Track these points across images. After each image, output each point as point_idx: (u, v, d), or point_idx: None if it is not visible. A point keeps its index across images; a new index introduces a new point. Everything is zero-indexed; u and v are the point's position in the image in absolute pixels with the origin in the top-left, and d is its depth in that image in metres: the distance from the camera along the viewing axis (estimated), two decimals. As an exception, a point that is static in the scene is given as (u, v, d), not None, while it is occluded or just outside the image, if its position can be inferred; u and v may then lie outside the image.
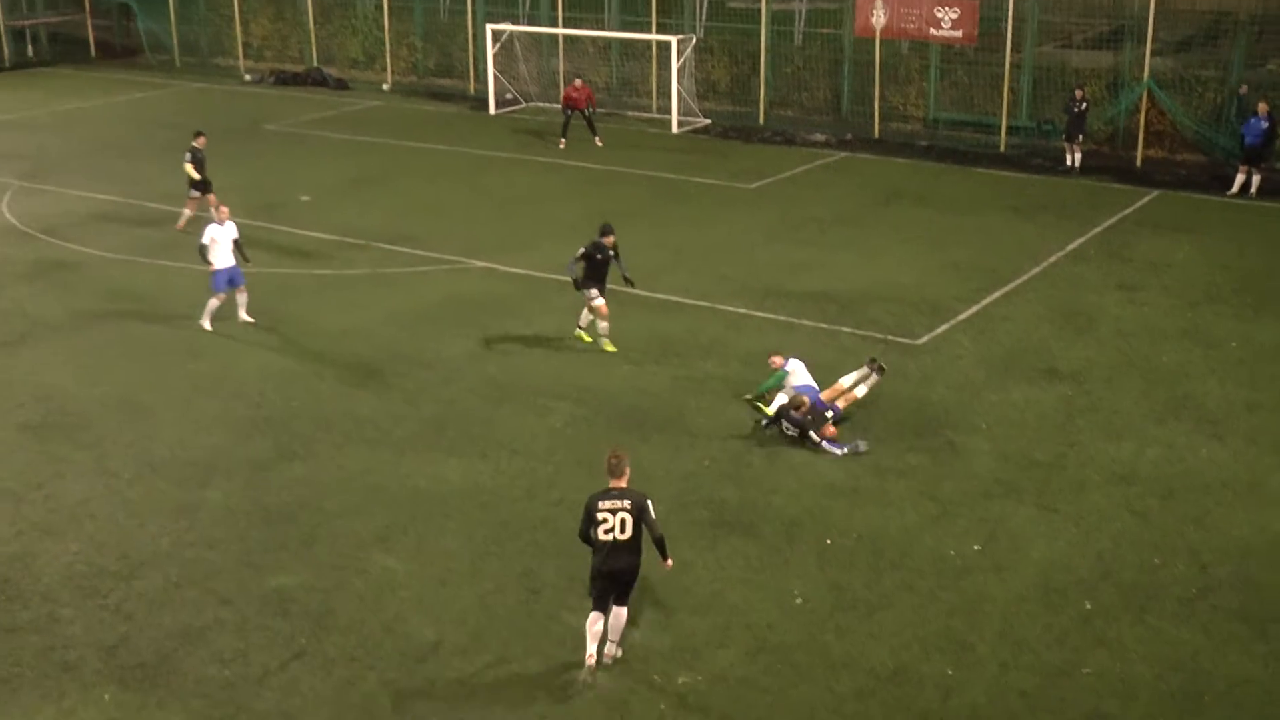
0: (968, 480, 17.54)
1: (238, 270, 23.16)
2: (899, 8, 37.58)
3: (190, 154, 28.63)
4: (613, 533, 13.24)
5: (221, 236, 23.00)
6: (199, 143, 28.80)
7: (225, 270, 23.01)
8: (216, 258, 22.94)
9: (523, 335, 22.66)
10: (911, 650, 13.90)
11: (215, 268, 22.96)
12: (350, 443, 18.64)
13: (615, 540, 13.24)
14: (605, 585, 13.43)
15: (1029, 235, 28.58)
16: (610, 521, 13.25)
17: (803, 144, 37.80)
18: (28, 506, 16.96)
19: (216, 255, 22.93)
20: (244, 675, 13.53)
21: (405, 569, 15.46)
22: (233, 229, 23.10)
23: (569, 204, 31.28)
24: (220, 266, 22.98)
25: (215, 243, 22.91)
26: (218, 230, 23.00)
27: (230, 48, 51.16)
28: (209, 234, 22.97)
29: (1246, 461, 18.06)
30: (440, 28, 47.56)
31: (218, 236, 22.97)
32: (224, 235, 23.01)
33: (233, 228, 23.09)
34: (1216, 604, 14.71)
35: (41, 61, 53.08)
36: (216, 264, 22.93)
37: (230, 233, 23.06)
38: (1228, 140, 33.74)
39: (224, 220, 23.02)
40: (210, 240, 22.91)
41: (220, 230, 23.01)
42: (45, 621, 14.48)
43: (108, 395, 20.29)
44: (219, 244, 22.93)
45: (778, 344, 22.06)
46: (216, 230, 23.00)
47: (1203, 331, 22.81)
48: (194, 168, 28.50)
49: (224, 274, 23.01)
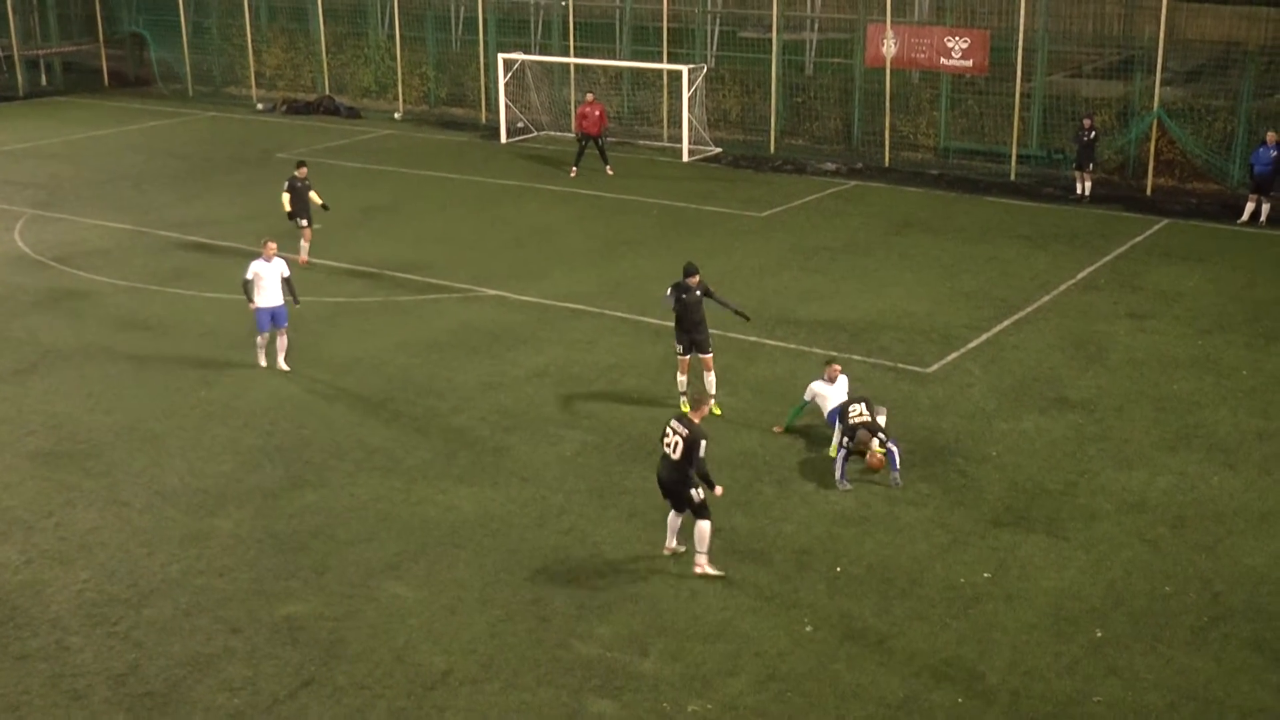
0: (978, 508, 17.51)
1: (282, 310, 22.27)
2: (909, 38, 37.71)
3: (287, 183, 28.47)
4: (668, 449, 15.75)
5: (267, 273, 22.15)
6: (299, 173, 28.46)
7: (268, 309, 22.17)
8: (260, 295, 22.12)
9: (534, 363, 22.69)
10: (922, 679, 13.86)
11: (257, 306, 22.16)
12: (361, 471, 18.65)
13: (666, 455, 15.83)
14: (661, 488, 16.11)
15: (1040, 264, 28.58)
16: (670, 439, 15.76)
17: (813, 173, 37.87)
18: (38, 534, 16.98)
19: (260, 292, 22.11)
20: (253, 704, 13.52)
21: (416, 597, 15.45)
22: (281, 266, 22.31)
23: (580, 233, 31.35)
24: (263, 305, 22.15)
25: (260, 278, 22.08)
26: (263, 266, 22.16)
27: (243, 77, 51.41)
28: (252, 269, 22.14)
29: (1259, 490, 18.01)
30: (452, 57, 47.78)
31: (262, 273, 22.12)
32: (270, 272, 22.16)
33: (281, 265, 22.32)
34: (1229, 633, 14.66)
35: (55, 91, 53.37)
36: (259, 302, 22.11)
37: (278, 270, 22.23)
38: (1238, 169, 33.79)
39: (270, 256, 22.21)
40: (254, 275, 22.09)
41: (266, 266, 22.17)
42: (54, 649, 14.48)
43: (119, 423, 20.33)
44: (264, 280, 22.09)
45: (789, 372, 22.11)
46: (262, 266, 22.16)
47: (1214, 360, 22.77)
48: (290, 198, 28.22)
49: (266, 313, 22.19)
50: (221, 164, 39.48)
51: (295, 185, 28.30)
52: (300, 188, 28.30)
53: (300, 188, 28.30)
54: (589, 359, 22.90)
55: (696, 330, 20.55)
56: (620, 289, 26.76)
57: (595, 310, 25.41)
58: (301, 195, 28.31)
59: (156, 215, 33.08)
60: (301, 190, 28.31)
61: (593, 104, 37.56)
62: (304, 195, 28.34)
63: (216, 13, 51.62)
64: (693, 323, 20.55)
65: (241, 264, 28.35)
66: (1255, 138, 33.16)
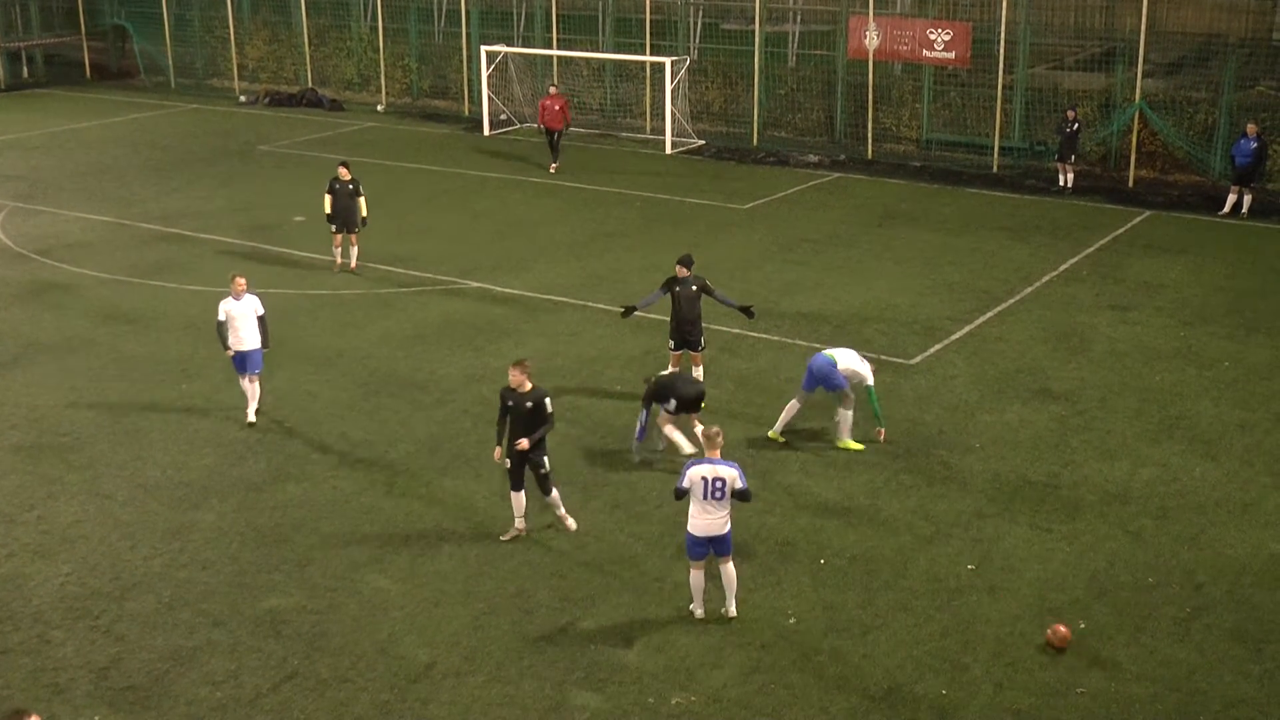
0: (962, 500, 17.54)
1: (256, 354, 19.57)
2: (892, 30, 37.72)
3: (328, 185, 26.82)
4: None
5: (238, 312, 19.41)
6: (341, 173, 26.72)
7: (240, 354, 19.51)
8: (233, 339, 19.43)
9: (517, 356, 22.59)
10: (906, 671, 13.88)
11: (231, 351, 19.56)
12: (344, 464, 18.62)
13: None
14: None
15: (1022, 256, 28.63)
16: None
17: (796, 165, 37.88)
18: (19, 528, 16.92)
19: (233, 335, 19.43)
20: (236, 697, 13.49)
21: (398, 590, 15.44)
22: (254, 304, 19.54)
23: (563, 225, 31.32)
24: (236, 349, 19.46)
25: (231, 319, 19.36)
26: (233, 305, 19.40)
27: (225, 69, 51.23)
28: (223, 309, 19.43)
29: (1241, 481, 18.07)
30: (435, 49, 47.67)
31: (234, 312, 19.38)
32: (242, 311, 19.44)
33: (254, 302, 19.56)
34: (1211, 623, 14.71)
35: (37, 83, 53.14)
36: (233, 346, 19.47)
37: (250, 308, 19.47)
38: (1219, 161, 33.90)
39: (241, 293, 19.41)
40: (225, 316, 19.39)
41: (236, 305, 19.41)
42: (36, 643, 14.44)
43: (101, 416, 20.27)
44: (236, 321, 19.36)
45: (772, 365, 22.12)
46: (232, 305, 19.41)
47: (1196, 352, 22.84)
48: (330, 200, 26.52)
49: (239, 358, 19.55)
50: (204, 156, 39.35)
51: (334, 187, 26.66)
52: (340, 190, 26.60)
53: (340, 190, 26.60)
54: (572, 351, 22.89)
55: (687, 327, 20.22)
56: (603, 281, 26.74)
57: (578, 302, 25.39)
58: (342, 199, 26.62)
59: (139, 208, 32.97)
60: (342, 193, 26.60)
61: (554, 97, 37.17)
62: (345, 199, 26.62)
63: (199, 5, 51.38)
64: (684, 319, 20.22)
65: (224, 257, 28.50)
66: (1236, 130, 33.23)
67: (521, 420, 16.03)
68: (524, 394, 16.05)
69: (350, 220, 26.85)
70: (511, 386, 16.12)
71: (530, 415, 16.01)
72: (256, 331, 19.57)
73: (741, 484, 14.30)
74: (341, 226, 26.93)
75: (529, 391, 16.04)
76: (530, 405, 16.02)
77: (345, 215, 26.78)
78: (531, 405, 16.02)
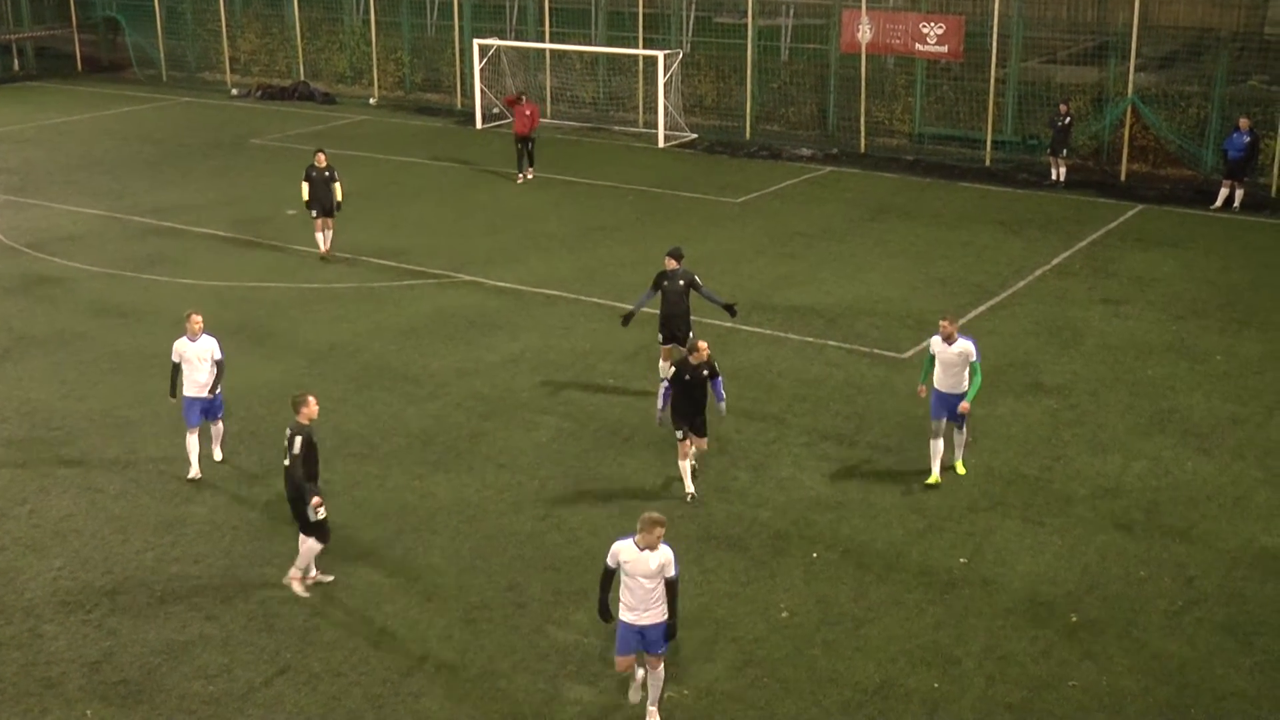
0: (954, 494, 17.55)
1: (217, 401, 17.79)
2: (885, 23, 37.71)
3: (305, 172, 27.52)
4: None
5: (194, 354, 17.42)
6: (317, 160, 27.33)
7: (197, 400, 17.55)
8: (187, 383, 17.50)
9: (510, 349, 22.65)
10: (898, 664, 13.90)
11: (185, 396, 17.56)
12: (337, 457, 18.59)
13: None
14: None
15: (1014, 250, 28.65)
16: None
17: (789, 159, 37.87)
18: (11, 522, 16.90)
19: (187, 380, 17.51)
20: (229, 691, 13.48)
21: (391, 583, 15.43)
22: (211, 346, 17.58)
23: (556, 219, 31.30)
24: (191, 394, 17.51)
25: (186, 362, 17.43)
26: (188, 346, 17.41)
27: (217, 62, 51.15)
28: (175, 350, 17.51)
29: (1232, 475, 18.10)
30: (427, 42, 47.62)
31: (189, 354, 17.39)
32: (197, 353, 17.44)
33: (211, 344, 17.59)
34: (1203, 617, 14.74)
35: (28, 76, 53.05)
36: (187, 391, 17.50)
37: (207, 350, 17.52)
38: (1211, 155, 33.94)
39: (197, 334, 17.44)
40: (179, 358, 17.46)
41: (191, 347, 17.43)
42: (28, 637, 14.42)
43: (93, 410, 20.23)
44: (190, 365, 17.43)
45: (765, 358, 22.12)
46: (186, 346, 17.41)
47: (1188, 345, 22.87)
48: (308, 186, 27.25)
49: (195, 404, 17.57)
50: (196, 150, 39.29)
51: (311, 174, 27.35)
52: (317, 176, 27.26)
53: (317, 176, 27.26)
54: (565, 345, 22.88)
55: (674, 323, 20.12)
56: (596, 275, 26.73)
57: (571, 296, 25.38)
58: (319, 185, 27.30)
59: (131, 201, 32.91)
60: (319, 179, 27.27)
61: (527, 103, 35.26)
62: (322, 185, 27.30)
63: (191, -3, 51.42)
64: (671, 314, 20.15)
65: (216, 249, 28.46)
66: (1228, 124, 33.28)
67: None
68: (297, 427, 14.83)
69: (327, 205, 27.56)
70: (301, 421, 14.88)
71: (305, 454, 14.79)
72: (212, 376, 17.64)
73: (673, 571, 12.51)
74: (320, 211, 27.59)
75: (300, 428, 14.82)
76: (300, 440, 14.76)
77: (323, 200, 27.55)
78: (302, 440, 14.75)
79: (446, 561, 15.91)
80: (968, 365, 17.46)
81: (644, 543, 12.33)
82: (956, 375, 17.53)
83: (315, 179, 27.33)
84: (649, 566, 12.38)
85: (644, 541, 12.33)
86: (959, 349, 17.45)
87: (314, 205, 27.50)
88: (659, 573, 12.41)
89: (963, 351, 17.43)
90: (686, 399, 17.12)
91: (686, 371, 17.05)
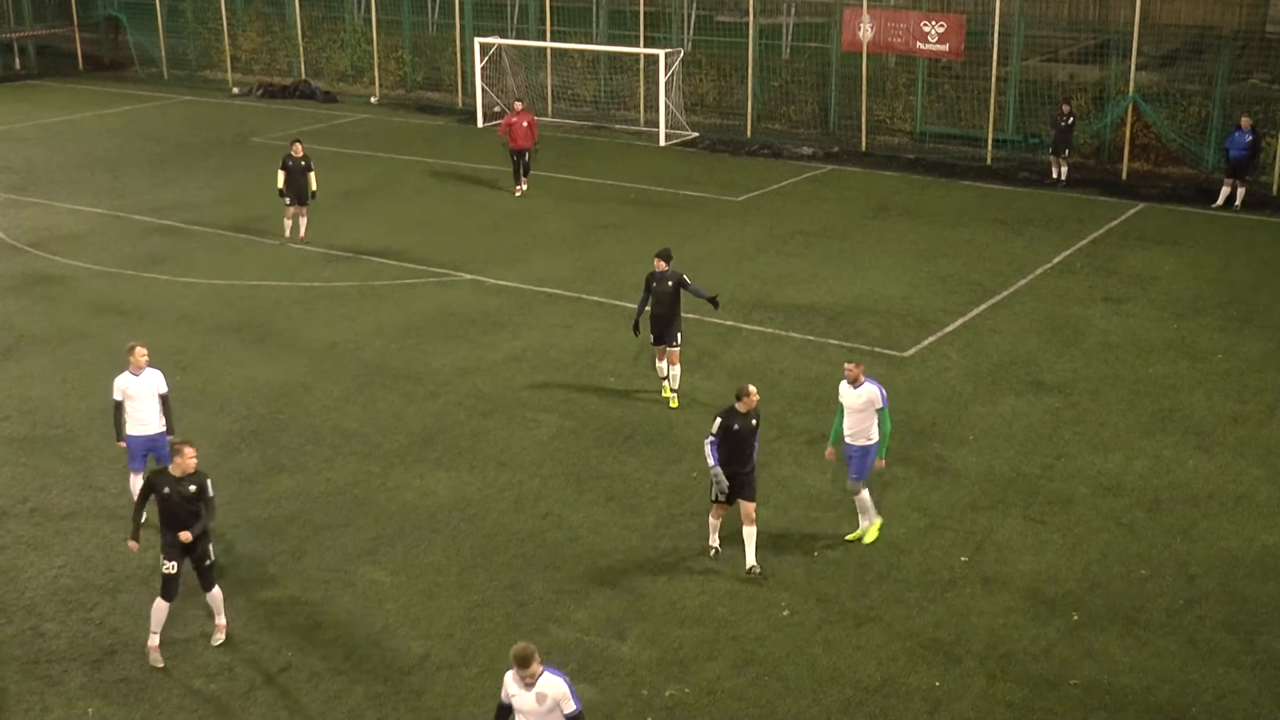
0: (955, 492, 17.56)
1: (162, 439, 16.18)
2: (886, 22, 37.70)
3: (282, 161, 28.33)
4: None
5: (138, 391, 16.13)
6: (294, 151, 28.13)
7: (142, 439, 16.23)
8: (131, 422, 16.16)
9: (511, 348, 22.65)
10: (899, 662, 13.90)
11: (129, 435, 16.21)
12: (338, 455, 18.60)
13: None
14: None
15: (1016, 248, 28.65)
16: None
17: (790, 157, 37.86)
18: (13, 520, 16.90)
19: (131, 418, 16.17)
20: (230, 689, 13.49)
21: (392, 582, 15.44)
22: (157, 381, 16.28)
23: (557, 217, 31.29)
24: (135, 433, 16.19)
25: (129, 399, 16.10)
26: (131, 382, 16.13)
27: (218, 61, 51.14)
28: (118, 387, 16.17)
29: (1233, 473, 18.10)
30: (428, 41, 47.62)
31: (132, 391, 16.10)
32: (141, 390, 16.15)
33: (157, 379, 16.29)
34: (1204, 615, 14.74)
35: (29, 75, 53.00)
36: (130, 429, 16.17)
37: (152, 386, 16.22)
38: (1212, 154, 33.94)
39: (140, 369, 16.11)
40: (122, 395, 16.13)
41: (135, 382, 16.14)
42: (30, 636, 14.42)
43: (94, 408, 20.22)
44: (134, 402, 16.11)
45: (765, 357, 22.12)
46: (130, 382, 16.13)
47: (1189, 344, 22.86)
48: (284, 175, 28.03)
49: (140, 444, 16.25)
50: (197, 148, 39.29)
51: (288, 164, 28.11)
52: (293, 166, 28.05)
53: (293, 166, 28.05)
54: (566, 343, 22.88)
55: (663, 323, 19.89)
56: (597, 273, 26.73)
57: (572, 295, 25.38)
58: (295, 174, 28.10)
59: (132, 199, 32.90)
60: (295, 169, 28.06)
61: (521, 114, 33.13)
62: (298, 175, 28.11)
63: (192, -4, 51.43)
64: (659, 315, 19.91)
65: (217, 248, 28.47)
66: (1230, 122, 33.28)
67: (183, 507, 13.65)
68: (184, 478, 13.67)
69: (302, 194, 28.37)
70: (172, 473, 13.67)
71: (194, 500, 13.68)
72: (159, 414, 16.34)
73: (572, 707, 10.78)
74: (295, 200, 28.45)
75: (191, 475, 13.68)
76: (194, 489, 13.68)
77: (298, 189, 28.33)
78: (195, 489, 13.68)
79: (448, 559, 15.91)
80: (875, 414, 15.95)
81: (519, 679, 10.64)
82: (864, 423, 15.95)
83: (291, 168, 28.16)
84: (534, 705, 10.62)
85: (518, 678, 10.65)
86: (865, 394, 15.90)
87: (289, 194, 28.30)
88: (551, 710, 10.65)
89: (869, 398, 15.87)
90: (733, 454, 15.17)
91: (735, 421, 15.23)
